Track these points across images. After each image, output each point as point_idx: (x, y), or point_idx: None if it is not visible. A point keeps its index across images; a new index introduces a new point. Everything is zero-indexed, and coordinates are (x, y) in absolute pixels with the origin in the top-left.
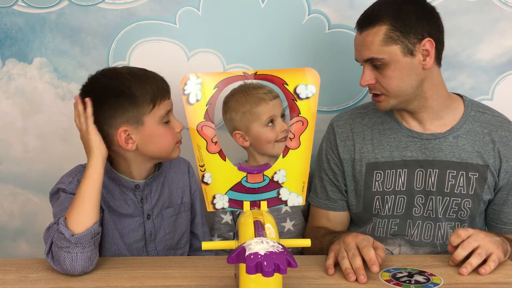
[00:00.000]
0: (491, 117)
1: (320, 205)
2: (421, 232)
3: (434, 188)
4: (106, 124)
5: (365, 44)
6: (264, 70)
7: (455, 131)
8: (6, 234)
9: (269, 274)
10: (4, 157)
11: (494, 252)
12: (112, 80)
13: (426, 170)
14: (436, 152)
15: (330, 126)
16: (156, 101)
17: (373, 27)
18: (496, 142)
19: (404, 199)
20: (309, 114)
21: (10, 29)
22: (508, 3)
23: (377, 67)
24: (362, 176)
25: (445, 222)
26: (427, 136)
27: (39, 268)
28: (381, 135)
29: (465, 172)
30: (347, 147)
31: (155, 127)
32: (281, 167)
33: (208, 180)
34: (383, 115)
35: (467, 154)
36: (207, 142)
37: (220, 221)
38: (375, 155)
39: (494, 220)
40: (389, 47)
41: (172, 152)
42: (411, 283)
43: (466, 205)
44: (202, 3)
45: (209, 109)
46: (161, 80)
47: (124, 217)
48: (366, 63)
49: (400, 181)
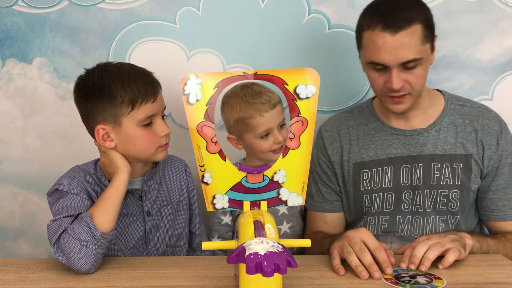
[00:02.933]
0: (471, 108)
1: (316, 208)
2: (410, 228)
3: (420, 182)
4: (89, 119)
5: (403, 46)
6: (264, 70)
7: (436, 125)
8: (6, 234)
9: (269, 274)
10: (4, 157)
11: (450, 247)
12: (97, 78)
13: (411, 166)
14: (420, 147)
15: (318, 132)
16: (135, 103)
17: (409, 27)
18: (478, 130)
19: (392, 195)
20: (309, 114)
21: (10, 29)
22: (508, 3)
23: (408, 68)
24: (350, 177)
25: (436, 216)
26: (410, 133)
27: (39, 268)
28: (366, 135)
29: (449, 164)
30: (336, 149)
31: (133, 130)
32: (281, 167)
33: (208, 180)
34: (368, 116)
35: (449, 146)
36: (207, 142)
37: (220, 222)
38: (361, 155)
39: (482, 208)
40: (425, 46)
41: (153, 156)
42: (409, 283)
43: (455, 196)
44: (202, 3)
45: (209, 109)
46: (149, 83)
47: (124, 216)
48: (397, 65)
49: (386, 178)
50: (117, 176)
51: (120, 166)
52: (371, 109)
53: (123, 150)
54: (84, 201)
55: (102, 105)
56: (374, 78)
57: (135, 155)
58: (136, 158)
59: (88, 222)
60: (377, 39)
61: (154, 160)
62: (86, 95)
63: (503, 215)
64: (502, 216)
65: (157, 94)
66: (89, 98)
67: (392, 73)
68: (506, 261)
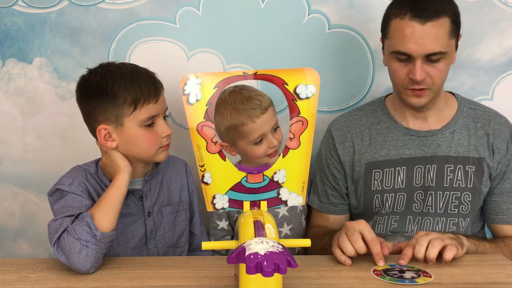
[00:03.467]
0: (483, 112)
1: (321, 209)
2: (419, 228)
3: (433, 184)
4: (91, 119)
5: (430, 37)
6: (264, 70)
7: (450, 127)
8: (6, 234)
9: (269, 274)
10: (4, 157)
11: (450, 243)
12: (100, 78)
13: (425, 167)
14: (434, 148)
15: (327, 131)
16: (137, 104)
17: (437, 19)
18: (490, 134)
19: (404, 196)
20: (309, 114)
21: (10, 29)
22: (508, 3)
23: (431, 61)
24: (361, 176)
25: (446, 218)
26: (424, 133)
27: (39, 268)
28: (378, 135)
29: (462, 166)
30: (346, 149)
31: (135, 130)
32: (281, 167)
33: (208, 180)
34: (380, 115)
35: (463, 148)
36: (207, 142)
37: (216, 227)
38: (373, 154)
39: (487, 210)
40: (451, 40)
41: (155, 156)
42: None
43: (466, 198)
44: (202, 3)
45: (209, 109)
46: (151, 83)
47: (125, 216)
48: (422, 57)
49: (399, 178)
50: (118, 176)
51: (121, 166)
52: (384, 107)
53: (124, 150)
54: (85, 201)
55: (104, 105)
56: (396, 68)
57: (136, 155)
58: (138, 159)
59: (88, 222)
60: (405, 28)
61: (155, 160)
62: (88, 94)
63: (507, 218)
64: (505, 219)
65: (159, 94)
66: (91, 98)
67: (415, 64)
68: (506, 261)
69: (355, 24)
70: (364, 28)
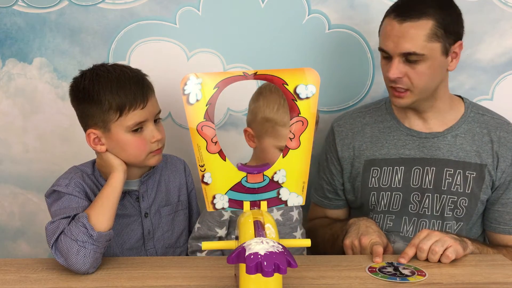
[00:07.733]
0: (490, 118)
1: (317, 202)
2: (415, 229)
3: (430, 186)
4: (82, 122)
5: (406, 36)
6: (264, 70)
7: (453, 130)
8: (6, 234)
9: (269, 274)
10: (4, 157)
11: (452, 245)
12: (88, 82)
13: (423, 168)
14: (434, 151)
15: (330, 127)
16: (123, 110)
17: (418, 19)
18: (495, 142)
19: (400, 196)
20: (309, 114)
21: (10, 29)
22: (508, 3)
23: (410, 62)
24: (360, 173)
25: (442, 221)
26: (426, 135)
27: (39, 268)
28: (380, 133)
29: (462, 171)
30: (346, 145)
31: (122, 135)
32: (281, 167)
33: (208, 180)
34: (384, 114)
35: (465, 153)
36: (207, 142)
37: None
38: (373, 152)
39: (489, 219)
40: (432, 44)
41: (145, 161)
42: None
43: (462, 203)
44: (202, 3)
45: (209, 109)
46: (138, 88)
47: (122, 217)
48: (398, 55)
49: (396, 178)
50: (113, 175)
51: (115, 165)
52: (388, 106)
53: (114, 154)
54: (82, 202)
55: (92, 110)
56: (382, 65)
57: (126, 160)
58: (128, 163)
59: (84, 223)
60: (386, 25)
61: (146, 165)
62: (77, 99)
63: (509, 229)
64: (507, 230)
65: (147, 100)
66: (80, 103)
67: (392, 62)
68: (506, 261)
69: (355, 24)
70: (364, 28)
